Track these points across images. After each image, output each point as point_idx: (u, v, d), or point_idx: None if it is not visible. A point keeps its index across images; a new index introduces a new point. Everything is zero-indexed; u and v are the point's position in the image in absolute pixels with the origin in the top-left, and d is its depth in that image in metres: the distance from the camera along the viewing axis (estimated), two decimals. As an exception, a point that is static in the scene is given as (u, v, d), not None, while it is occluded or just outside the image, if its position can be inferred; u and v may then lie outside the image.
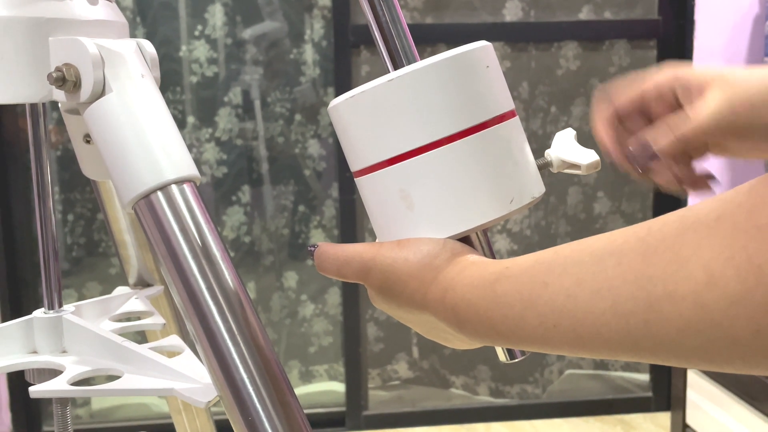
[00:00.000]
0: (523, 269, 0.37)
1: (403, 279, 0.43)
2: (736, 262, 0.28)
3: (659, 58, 2.21)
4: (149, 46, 0.51)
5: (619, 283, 0.32)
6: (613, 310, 0.32)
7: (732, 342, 0.28)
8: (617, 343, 0.32)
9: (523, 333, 0.36)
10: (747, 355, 0.28)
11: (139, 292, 0.70)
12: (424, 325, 0.44)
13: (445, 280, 0.41)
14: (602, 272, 0.33)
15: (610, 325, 0.32)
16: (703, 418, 1.63)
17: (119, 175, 0.47)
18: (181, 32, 2.19)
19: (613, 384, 2.37)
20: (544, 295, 0.35)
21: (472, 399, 2.31)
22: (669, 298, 0.30)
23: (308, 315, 2.32)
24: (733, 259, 0.28)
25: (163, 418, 2.21)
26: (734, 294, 0.28)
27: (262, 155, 2.27)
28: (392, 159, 0.43)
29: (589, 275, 0.33)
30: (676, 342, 0.30)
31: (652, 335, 0.31)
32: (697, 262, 0.29)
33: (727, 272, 0.28)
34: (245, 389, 0.45)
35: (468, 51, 0.43)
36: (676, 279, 0.30)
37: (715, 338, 0.29)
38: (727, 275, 0.28)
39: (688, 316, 0.29)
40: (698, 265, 0.29)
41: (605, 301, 0.32)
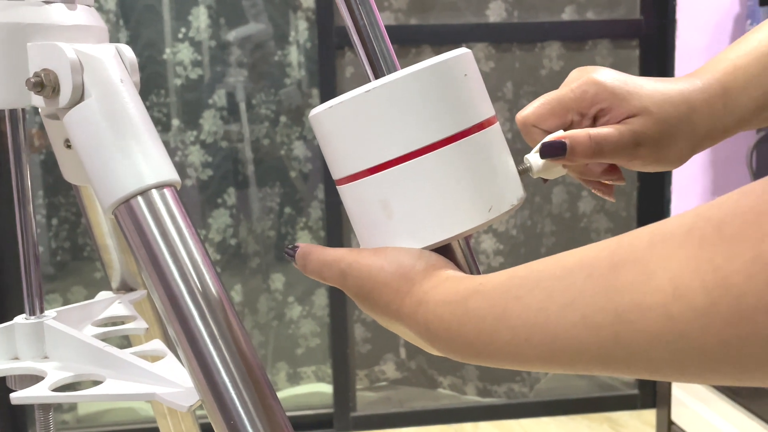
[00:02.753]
0: (495, 285, 0.37)
1: (377, 288, 0.43)
2: (702, 274, 0.28)
3: (642, 57, 2.23)
4: (129, 51, 0.51)
5: (589, 295, 0.32)
6: (583, 322, 0.32)
7: (701, 353, 0.28)
8: (589, 356, 0.32)
9: (495, 348, 0.36)
10: (716, 367, 0.28)
11: (122, 296, 0.70)
12: (403, 334, 0.44)
13: (418, 293, 0.41)
14: (573, 285, 0.33)
15: (581, 337, 0.32)
16: (688, 415, 1.64)
17: (99, 181, 0.47)
18: (164, 35, 2.18)
19: (600, 382, 2.38)
20: (516, 309, 0.35)
21: (460, 399, 2.32)
22: (637, 309, 0.30)
23: (295, 317, 2.32)
24: (699, 270, 0.28)
25: (151, 422, 2.20)
26: (700, 306, 0.28)
27: (248, 157, 2.27)
28: (371, 169, 0.43)
29: (560, 288, 0.33)
30: (647, 353, 0.30)
31: (622, 347, 0.31)
32: (665, 274, 0.29)
33: (693, 284, 0.28)
34: (227, 393, 0.45)
35: (445, 60, 0.44)
36: (645, 291, 0.30)
37: (684, 350, 0.29)
38: (694, 287, 0.28)
39: (656, 328, 0.29)
40: (666, 278, 0.29)
41: (576, 313, 0.32)
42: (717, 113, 0.50)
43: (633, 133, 0.49)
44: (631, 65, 2.24)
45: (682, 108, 0.49)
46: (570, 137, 0.48)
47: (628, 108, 0.50)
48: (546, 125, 0.51)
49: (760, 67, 0.50)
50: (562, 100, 0.51)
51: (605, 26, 2.22)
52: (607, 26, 2.22)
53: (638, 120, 0.49)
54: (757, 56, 0.50)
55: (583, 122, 0.51)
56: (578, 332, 0.32)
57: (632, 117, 0.49)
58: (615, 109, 0.50)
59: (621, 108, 0.50)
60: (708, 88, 0.50)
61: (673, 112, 0.49)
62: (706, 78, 0.51)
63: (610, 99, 0.50)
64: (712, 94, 0.50)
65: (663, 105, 0.49)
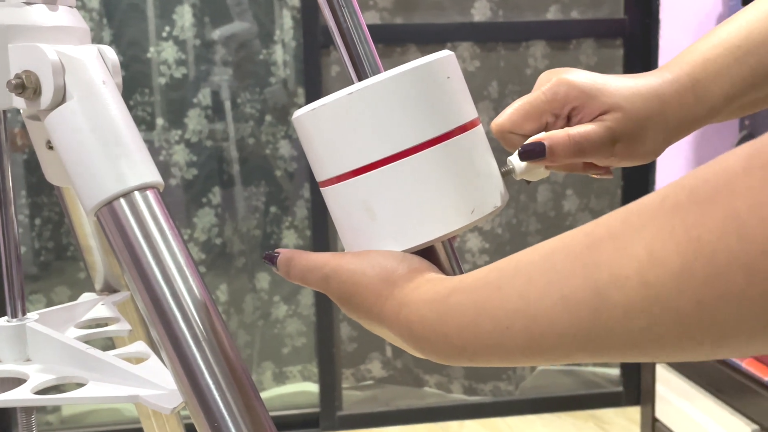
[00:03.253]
0: (476, 278, 0.38)
1: (360, 291, 0.43)
2: (676, 238, 0.28)
3: (626, 56, 2.24)
4: (111, 53, 0.51)
5: (567, 275, 0.32)
6: (563, 302, 0.32)
7: (678, 318, 0.29)
8: (570, 338, 0.32)
9: (477, 342, 0.36)
10: (693, 333, 0.29)
11: (105, 298, 0.69)
12: (386, 337, 0.44)
13: (400, 295, 0.41)
14: (551, 268, 0.33)
15: (562, 319, 0.32)
16: (672, 412, 1.66)
17: (81, 183, 0.47)
18: (148, 33, 2.17)
19: (585, 379, 2.39)
20: (497, 299, 0.35)
21: (446, 397, 2.32)
22: (614, 281, 0.30)
23: (281, 316, 2.32)
24: (673, 234, 0.28)
25: (135, 422, 2.19)
26: (676, 268, 0.28)
27: (233, 156, 2.26)
28: (354, 171, 0.43)
29: (539, 272, 0.34)
30: (624, 326, 0.30)
31: (602, 323, 0.31)
32: (640, 243, 0.30)
33: (667, 248, 0.28)
34: (211, 395, 0.45)
35: (428, 63, 0.44)
36: (621, 262, 0.30)
37: (661, 315, 0.29)
38: (668, 250, 0.28)
39: (633, 296, 0.30)
40: (641, 246, 0.29)
41: (555, 294, 0.33)
42: (687, 105, 0.50)
43: (608, 129, 0.50)
44: (615, 64, 2.26)
45: (653, 101, 0.50)
46: (549, 138, 0.49)
47: (600, 105, 0.50)
48: (522, 130, 0.51)
49: (730, 59, 0.50)
50: (534, 103, 0.51)
51: (589, 26, 2.23)
52: (592, 26, 2.23)
53: (611, 116, 0.50)
54: (726, 48, 0.50)
55: (558, 123, 0.51)
56: (558, 313, 0.32)
57: (605, 114, 0.50)
58: (587, 106, 0.50)
59: (593, 105, 0.50)
60: (678, 81, 0.51)
61: (644, 105, 0.50)
62: (676, 71, 0.51)
63: (581, 97, 0.50)
64: (682, 86, 0.51)
65: (633, 99, 0.50)
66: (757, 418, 1.40)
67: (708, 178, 0.28)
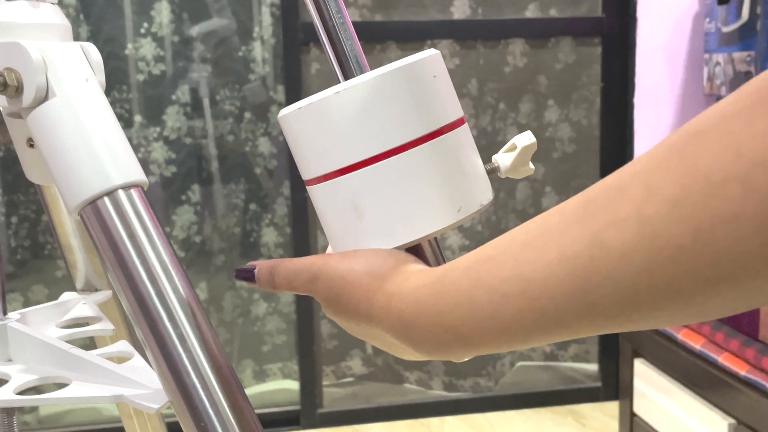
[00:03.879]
0: (470, 257, 0.37)
1: (347, 289, 0.42)
2: (671, 169, 0.28)
3: (604, 54, 2.26)
4: (94, 50, 0.50)
5: (563, 230, 0.32)
6: (559, 257, 0.32)
7: (675, 251, 0.28)
8: (566, 297, 0.32)
9: (472, 317, 0.36)
10: (690, 265, 0.28)
11: (87, 297, 0.69)
12: (374, 338, 0.44)
13: (390, 287, 0.41)
14: (547, 229, 0.33)
15: (558, 274, 0.32)
16: (650, 406, 1.67)
17: (64, 181, 0.46)
18: (126, 30, 2.15)
19: (563, 375, 2.41)
20: (492, 267, 0.35)
21: (426, 393, 2.33)
22: (611, 225, 0.30)
23: (261, 314, 2.31)
24: (669, 167, 0.28)
25: (114, 422, 2.18)
26: (671, 196, 0.28)
27: (212, 154, 2.25)
28: (341, 170, 0.43)
29: (534, 235, 0.34)
30: (622, 271, 0.30)
31: (599, 271, 0.31)
32: (636, 184, 0.30)
33: (664, 178, 0.29)
34: (197, 395, 0.45)
35: (415, 62, 0.44)
36: (617, 206, 0.30)
37: (659, 251, 0.29)
38: (665, 181, 0.28)
39: (630, 236, 0.29)
40: (637, 186, 0.29)
41: (551, 252, 0.32)
42: None
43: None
44: (593, 62, 2.27)
45: None
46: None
47: None
48: None
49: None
50: None
51: (568, 24, 2.25)
52: (570, 24, 2.25)
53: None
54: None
55: None
56: (554, 269, 0.32)
57: None
58: None
59: None
60: None
61: None
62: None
63: None
64: None
65: None
66: (733, 412, 1.42)
67: (701, 117, 0.29)
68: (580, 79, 2.28)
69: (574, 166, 2.32)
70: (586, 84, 2.29)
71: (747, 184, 0.26)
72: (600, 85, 2.28)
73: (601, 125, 2.29)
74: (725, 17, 1.94)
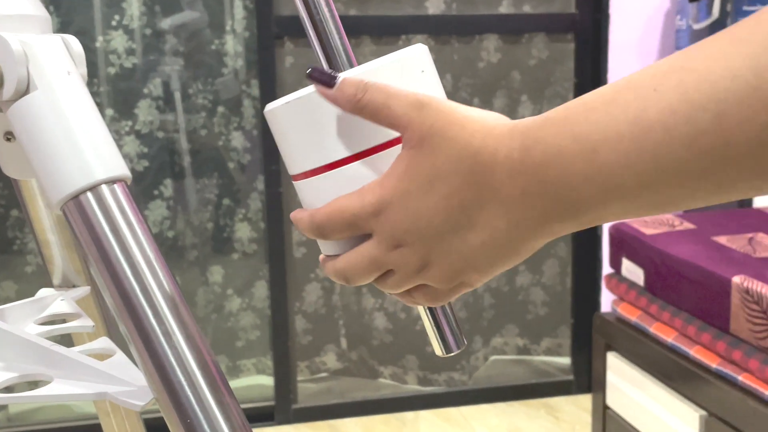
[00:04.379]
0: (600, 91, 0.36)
1: (460, 119, 0.39)
2: None
3: (577, 51, 2.28)
4: (75, 43, 0.49)
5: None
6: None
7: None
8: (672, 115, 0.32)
9: (610, 120, 0.34)
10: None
11: (65, 293, 0.68)
12: (454, 199, 0.38)
13: (514, 122, 0.38)
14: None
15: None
16: (623, 399, 1.69)
17: (46, 176, 0.46)
18: (97, 22, 2.12)
19: (536, 369, 2.43)
20: (637, 87, 0.34)
21: (401, 388, 2.34)
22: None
23: (235, 309, 2.30)
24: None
25: (85, 419, 2.15)
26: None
27: (185, 148, 2.23)
28: (330, 165, 0.43)
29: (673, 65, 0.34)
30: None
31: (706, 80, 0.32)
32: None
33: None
34: (183, 392, 0.44)
35: (403, 57, 0.44)
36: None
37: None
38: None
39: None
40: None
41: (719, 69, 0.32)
42: None
43: None
44: (567, 58, 2.29)
45: None
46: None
47: None
48: None
49: None
50: None
51: (541, 20, 2.26)
52: (544, 20, 2.26)
53: None
54: None
55: None
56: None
57: None
58: None
59: None
60: None
61: None
62: None
63: None
64: None
65: None
66: (705, 404, 1.44)
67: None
68: (554, 75, 2.30)
69: (547, 162, 2.34)
70: (559, 80, 2.30)
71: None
72: (573, 81, 2.30)
73: (574, 121, 2.31)
74: (696, 15, 1.97)
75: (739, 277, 1.37)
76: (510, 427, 2.14)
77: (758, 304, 1.32)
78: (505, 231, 0.38)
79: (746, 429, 1.33)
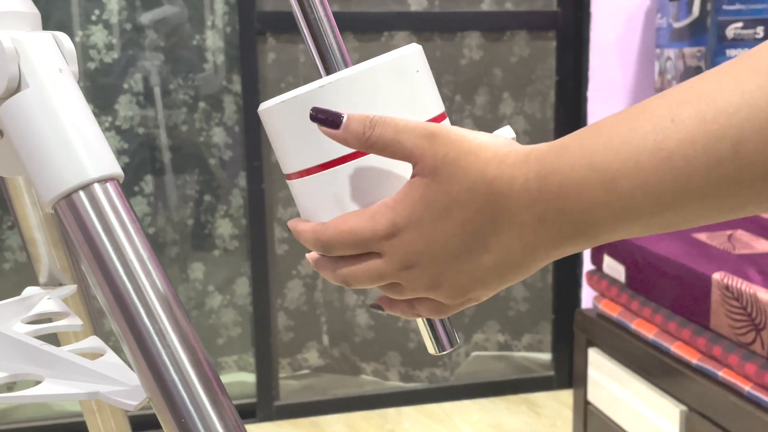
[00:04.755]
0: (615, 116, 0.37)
1: (473, 148, 0.39)
2: None
3: (558, 48, 2.29)
4: (66, 40, 0.49)
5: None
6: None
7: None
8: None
9: (630, 149, 0.35)
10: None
11: (52, 291, 0.67)
12: (469, 225, 0.39)
13: (527, 148, 0.39)
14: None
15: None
16: (604, 395, 1.71)
17: (38, 175, 0.45)
18: (76, 17, 2.10)
19: (517, 365, 2.44)
20: (654, 117, 0.35)
21: (383, 384, 2.34)
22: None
23: (216, 306, 2.29)
24: None
25: (64, 417, 2.13)
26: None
27: (165, 144, 2.21)
28: (325, 164, 0.43)
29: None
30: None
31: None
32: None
33: None
34: (177, 391, 0.44)
35: (398, 57, 0.44)
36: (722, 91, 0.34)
37: None
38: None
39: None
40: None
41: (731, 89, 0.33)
42: None
43: None
44: (548, 56, 2.30)
45: None
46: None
47: None
48: None
49: None
50: None
51: (523, 17, 2.27)
52: (525, 17, 2.27)
53: None
54: None
55: None
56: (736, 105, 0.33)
57: None
58: None
59: None
60: None
61: None
62: None
63: None
64: None
65: None
66: (685, 399, 1.46)
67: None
68: (535, 72, 2.31)
69: (528, 159, 2.35)
70: (541, 77, 2.31)
71: None
72: (554, 78, 2.31)
73: (555, 118, 2.32)
74: (676, 13, 1.98)
75: (719, 273, 1.39)
76: (491, 423, 2.16)
77: (738, 301, 1.34)
78: (519, 253, 0.39)
79: (726, 424, 1.35)
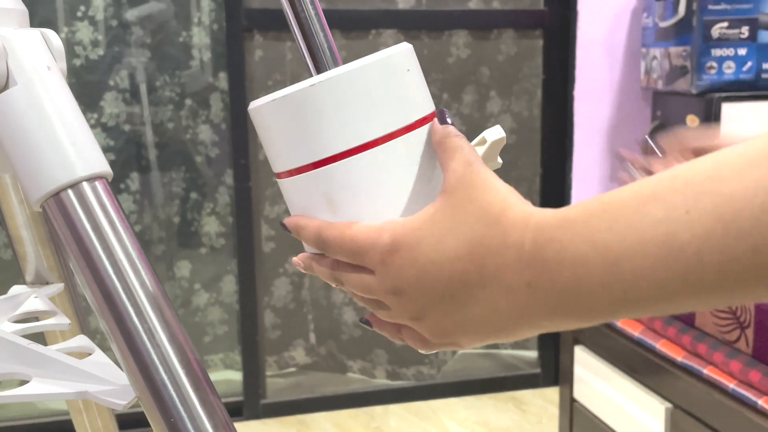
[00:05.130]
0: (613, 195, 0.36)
1: (481, 185, 0.40)
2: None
3: (545, 47, 2.29)
4: (55, 37, 0.48)
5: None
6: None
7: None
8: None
9: (634, 230, 0.33)
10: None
11: (38, 290, 0.67)
12: (458, 267, 0.39)
13: (528, 210, 0.38)
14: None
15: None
16: (590, 392, 1.72)
17: (26, 173, 0.45)
18: (61, 13, 2.08)
19: (504, 362, 2.45)
20: (666, 203, 0.33)
21: (370, 382, 2.34)
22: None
23: (202, 304, 2.28)
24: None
25: (48, 416, 2.12)
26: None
27: (151, 141, 2.20)
28: (315, 163, 0.43)
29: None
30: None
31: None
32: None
33: None
34: (166, 390, 0.44)
35: (389, 56, 0.44)
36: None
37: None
38: None
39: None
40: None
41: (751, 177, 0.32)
42: None
43: None
44: (535, 55, 2.31)
45: None
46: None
47: None
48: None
49: None
50: None
51: (510, 16, 2.27)
52: (512, 16, 2.28)
53: None
54: None
55: None
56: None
57: None
58: None
59: None
60: None
61: None
62: None
63: None
64: None
65: None
66: (670, 396, 1.47)
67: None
68: (522, 71, 2.31)
69: (515, 157, 2.36)
70: (528, 76, 2.32)
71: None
72: (541, 77, 2.31)
73: (542, 117, 2.33)
74: (662, 13, 1.99)
75: (704, 271, 1.40)
76: (478, 420, 2.16)
77: (722, 299, 1.35)
78: (505, 313, 0.38)
79: (711, 421, 1.36)
